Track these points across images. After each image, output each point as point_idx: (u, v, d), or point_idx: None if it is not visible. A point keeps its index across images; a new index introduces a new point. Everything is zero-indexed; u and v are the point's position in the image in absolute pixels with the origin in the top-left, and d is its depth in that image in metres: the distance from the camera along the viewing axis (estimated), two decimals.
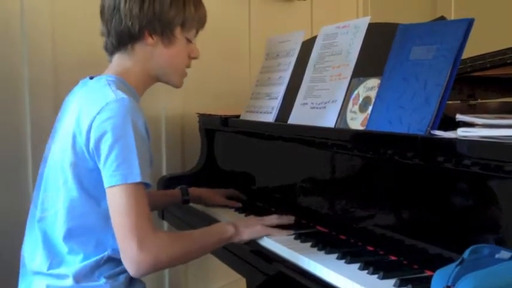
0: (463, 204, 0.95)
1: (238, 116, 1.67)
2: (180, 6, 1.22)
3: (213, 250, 1.24)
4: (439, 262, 0.89)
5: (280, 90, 1.54)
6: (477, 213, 0.92)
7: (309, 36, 1.57)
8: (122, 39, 1.21)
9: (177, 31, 1.23)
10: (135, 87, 1.23)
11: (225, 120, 1.68)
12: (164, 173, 1.92)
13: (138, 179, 1.07)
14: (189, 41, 1.27)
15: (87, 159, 1.11)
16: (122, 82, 1.19)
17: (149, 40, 1.21)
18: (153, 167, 1.85)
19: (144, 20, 1.19)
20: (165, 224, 1.86)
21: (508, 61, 1.17)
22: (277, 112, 1.52)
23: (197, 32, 1.30)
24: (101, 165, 1.09)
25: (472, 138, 0.91)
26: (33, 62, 1.61)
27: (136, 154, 1.07)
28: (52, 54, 1.64)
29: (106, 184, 1.08)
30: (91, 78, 1.23)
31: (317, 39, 1.47)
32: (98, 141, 1.08)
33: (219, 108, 1.84)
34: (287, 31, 1.65)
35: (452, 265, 0.77)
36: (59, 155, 1.16)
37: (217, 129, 1.77)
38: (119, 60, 1.23)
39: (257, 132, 1.55)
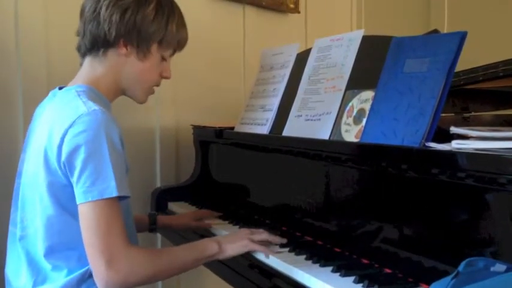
0: (458, 216, 0.95)
1: (232, 128, 1.67)
2: (163, 24, 1.20)
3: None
4: (434, 275, 0.89)
5: (274, 102, 1.54)
6: (472, 225, 0.92)
7: (303, 49, 1.58)
8: (95, 42, 1.18)
9: (154, 47, 1.21)
10: (106, 95, 1.20)
11: (219, 132, 1.68)
12: (158, 184, 1.92)
13: (115, 193, 1.04)
14: (163, 59, 1.25)
15: (59, 175, 1.08)
16: (93, 91, 1.17)
17: (123, 50, 1.18)
18: (147, 177, 1.89)
19: (122, 29, 1.16)
20: (159, 236, 1.85)
21: (501, 74, 1.18)
22: (271, 124, 1.52)
23: (174, 53, 1.28)
24: (73, 180, 1.06)
25: (466, 151, 0.91)
26: (28, 71, 1.61)
27: (112, 168, 1.05)
28: (46, 62, 1.64)
29: (79, 200, 1.05)
30: (60, 88, 1.21)
31: (311, 52, 1.48)
32: (71, 155, 1.05)
33: (213, 120, 1.84)
34: (281, 44, 1.66)
35: (448, 278, 0.76)
36: (32, 172, 1.14)
37: (211, 141, 1.76)
38: (90, 66, 1.21)
39: (251, 144, 1.55)
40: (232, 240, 1.21)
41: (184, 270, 1.17)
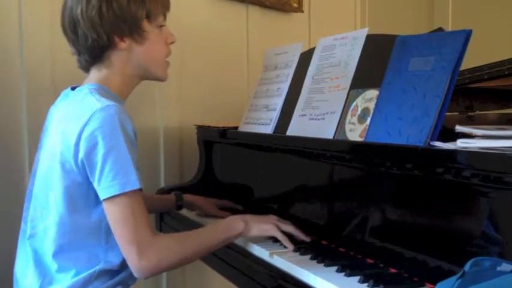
0: (463, 215, 0.95)
1: (236, 128, 1.66)
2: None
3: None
4: (439, 275, 0.88)
5: (278, 102, 1.53)
6: (477, 225, 0.92)
7: (306, 48, 1.58)
8: (94, 53, 1.17)
9: (145, 24, 1.18)
10: (119, 94, 1.20)
11: (223, 132, 1.68)
12: (162, 184, 1.92)
13: (137, 186, 1.06)
14: (160, 27, 1.22)
15: (75, 172, 1.09)
16: (105, 90, 1.17)
17: (121, 44, 1.17)
18: (151, 177, 1.89)
19: (108, 26, 1.14)
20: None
21: (506, 72, 1.17)
22: (275, 124, 1.52)
23: (165, 16, 1.24)
24: (95, 177, 1.07)
25: (471, 150, 0.90)
26: (32, 74, 1.61)
27: (131, 161, 1.07)
28: (51, 65, 1.64)
29: (103, 195, 1.06)
30: (73, 89, 1.21)
31: (315, 51, 1.47)
32: (89, 152, 1.06)
33: (217, 120, 1.84)
34: (285, 43, 1.65)
35: (453, 278, 0.76)
36: (46, 171, 1.15)
37: (215, 141, 1.76)
38: (97, 72, 1.20)
39: (255, 143, 1.54)
40: (259, 221, 1.23)
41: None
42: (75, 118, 1.09)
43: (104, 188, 1.06)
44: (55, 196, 1.11)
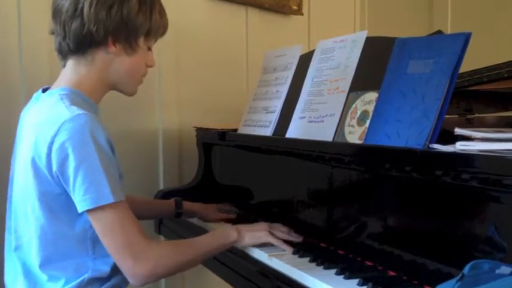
0: (463, 218, 0.95)
1: (235, 130, 1.66)
2: (147, 14, 1.16)
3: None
4: (439, 277, 0.88)
5: (277, 104, 1.53)
6: (477, 227, 0.92)
7: (306, 51, 1.58)
8: (81, 44, 1.13)
9: (141, 40, 1.18)
10: (92, 97, 1.16)
11: (222, 134, 1.68)
12: (161, 187, 1.91)
13: (111, 200, 1.02)
14: (149, 49, 1.23)
15: (51, 183, 1.06)
16: (77, 94, 1.13)
17: (112, 48, 1.14)
18: (150, 180, 1.88)
19: (111, 26, 1.12)
20: (162, 239, 1.85)
21: (505, 75, 1.17)
22: (274, 126, 1.51)
23: (155, 41, 1.25)
24: (69, 190, 1.04)
25: (470, 152, 0.90)
26: (31, 75, 1.61)
27: (104, 174, 1.02)
28: (49, 66, 1.64)
29: (79, 209, 1.04)
30: (44, 91, 1.18)
31: (314, 53, 1.47)
32: (61, 165, 1.03)
33: (216, 122, 1.84)
34: (284, 45, 1.66)
35: (453, 281, 0.76)
36: (22, 182, 1.12)
37: (214, 143, 1.76)
38: (74, 67, 1.16)
39: (255, 146, 1.54)
40: (251, 229, 1.23)
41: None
42: (45, 127, 1.05)
43: (78, 202, 1.03)
44: (32, 205, 1.09)
